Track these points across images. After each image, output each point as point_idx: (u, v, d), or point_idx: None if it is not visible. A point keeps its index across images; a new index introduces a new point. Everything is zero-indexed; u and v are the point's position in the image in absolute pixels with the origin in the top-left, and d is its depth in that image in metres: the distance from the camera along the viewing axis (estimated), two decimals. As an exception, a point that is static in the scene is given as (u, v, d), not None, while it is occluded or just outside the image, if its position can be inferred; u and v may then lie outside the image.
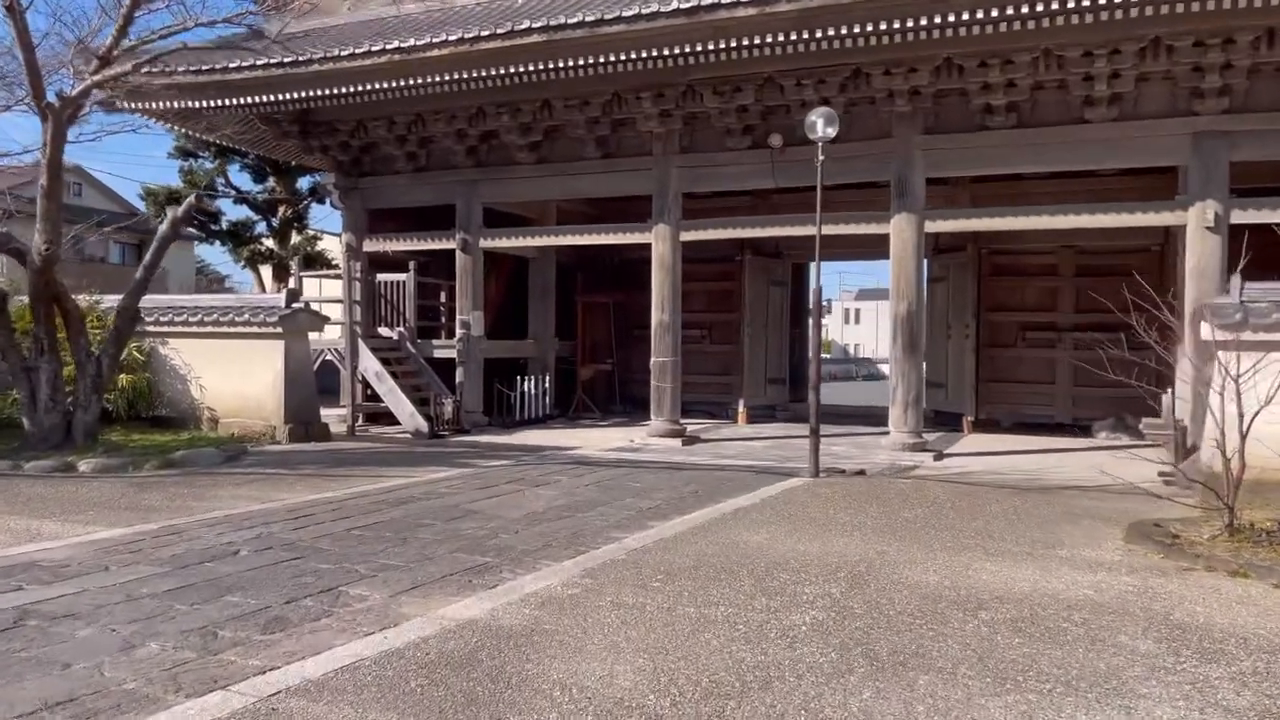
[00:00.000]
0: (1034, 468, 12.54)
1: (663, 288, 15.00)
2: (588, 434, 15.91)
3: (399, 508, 8.35)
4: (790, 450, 14.13)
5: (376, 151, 16.99)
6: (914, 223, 13.59)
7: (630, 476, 10.34)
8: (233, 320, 13.25)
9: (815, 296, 10.47)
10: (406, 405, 15.43)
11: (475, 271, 16.51)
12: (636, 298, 19.53)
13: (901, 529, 7.63)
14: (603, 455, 12.58)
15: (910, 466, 12.61)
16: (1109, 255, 16.47)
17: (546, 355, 18.21)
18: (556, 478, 10.19)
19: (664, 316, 14.99)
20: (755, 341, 17.98)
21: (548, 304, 18.33)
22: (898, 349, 13.83)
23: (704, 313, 18.88)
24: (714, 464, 11.70)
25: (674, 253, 14.97)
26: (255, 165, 24.36)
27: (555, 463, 11.61)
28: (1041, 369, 16.98)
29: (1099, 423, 15.90)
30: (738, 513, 8.22)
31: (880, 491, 9.54)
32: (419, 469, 10.90)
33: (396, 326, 16.95)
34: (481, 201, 16.44)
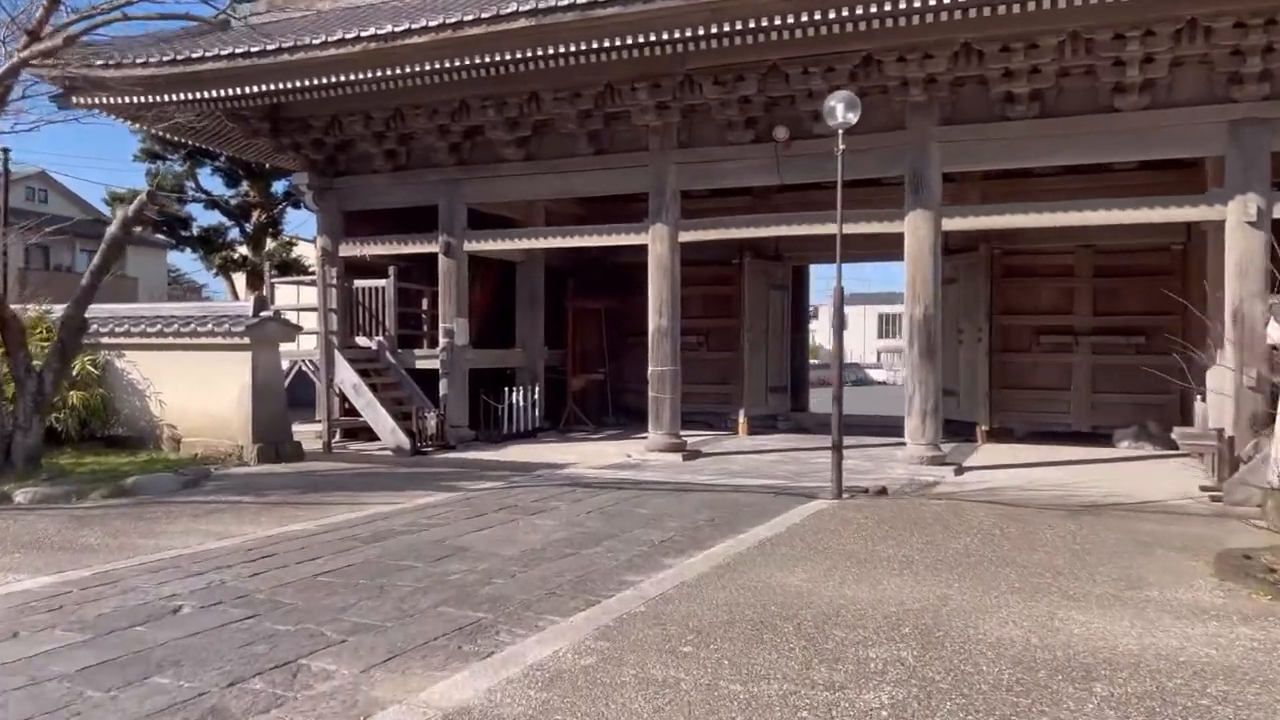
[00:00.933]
0: (1064, 482, 11.55)
1: (661, 292, 13.93)
2: (581, 448, 14.81)
3: (376, 544, 7.22)
4: (801, 465, 13.08)
5: (353, 149, 15.85)
6: (930, 220, 12.58)
7: (635, 501, 9.24)
8: (195, 330, 12.06)
9: (837, 298, 9.41)
10: (386, 420, 14.28)
11: (459, 276, 15.38)
12: (630, 304, 18.47)
13: (955, 565, 6.57)
14: (600, 474, 11.47)
15: (932, 483, 11.59)
16: (1128, 255, 15.54)
17: (535, 365, 17.09)
18: (554, 503, 9.08)
19: (662, 322, 13.91)
20: (755, 348, 16.94)
21: (536, 311, 17.22)
22: (914, 354, 12.81)
23: (700, 318, 17.83)
24: (723, 484, 10.61)
25: (672, 254, 13.90)
26: (227, 169, 23.16)
27: (550, 484, 10.49)
28: (1057, 375, 16.01)
29: (1120, 431, 14.94)
30: (764, 546, 7.14)
31: (915, 516, 8.48)
32: (400, 494, 9.77)
33: (375, 336, 15.79)
34: (465, 202, 15.32)
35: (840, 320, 9.44)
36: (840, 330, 9.47)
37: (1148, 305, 15.42)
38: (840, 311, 9.45)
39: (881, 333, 59.71)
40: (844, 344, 9.77)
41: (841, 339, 9.56)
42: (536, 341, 17.16)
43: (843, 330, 9.54)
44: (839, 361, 9.56)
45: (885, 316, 60.72)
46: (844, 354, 34.79)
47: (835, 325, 9.40)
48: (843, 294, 9.52)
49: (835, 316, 9.42)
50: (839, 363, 9.57)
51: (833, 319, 9.47)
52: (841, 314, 9.48)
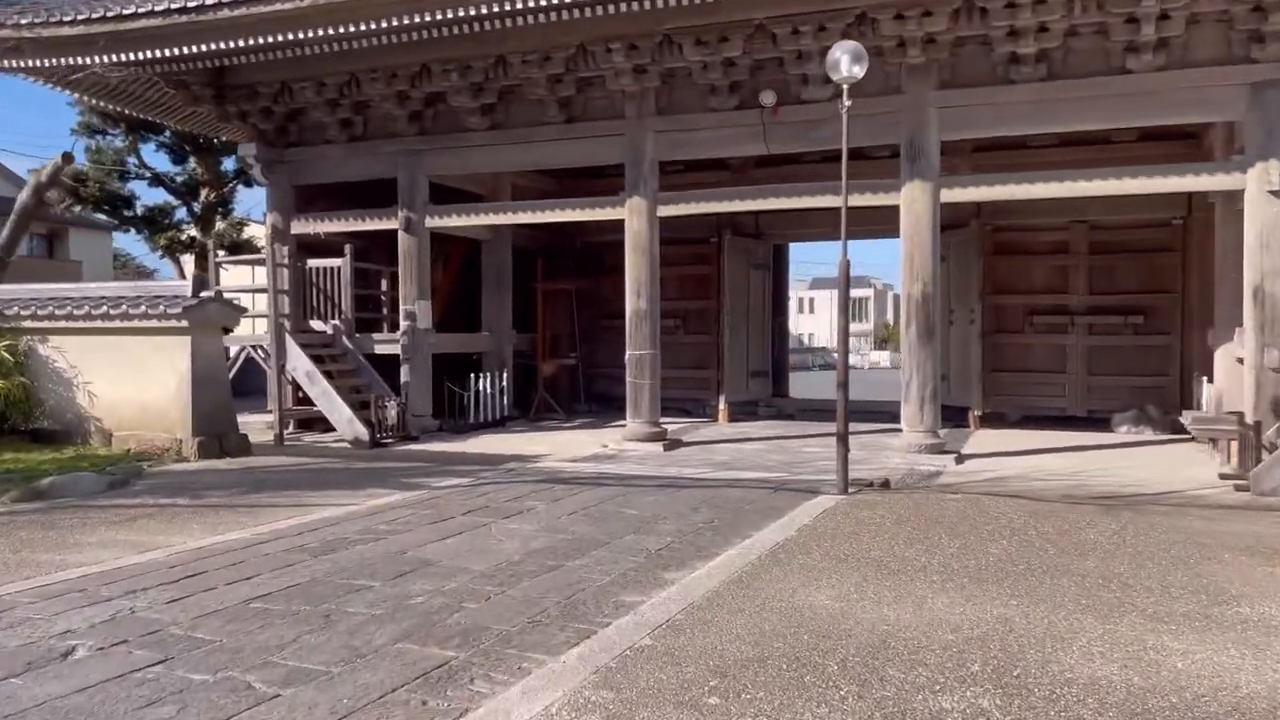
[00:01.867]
0: (1073, 470, 10.70)
1: (639, 270, 12.86)
2: (554, 438, 13.74)
3: (324, 558, 6.11)
4: (791, 455, 12.11)
5: (305, 119, 14.59)
6: (929, 191, 11.63)
7: (621, 499, 8.19)
8: (127, 313, 10.80)
9: (843, 272, 8.41)
10: (343, 410, 13.11)
11: (421, 255, 14.21)
12: (602, 285, 17.41)
13: (1002, 575, 5.60)
14: (578, 468, 10.40)
15: (933, 473, 10.70)
16: (1125, 231, 14.73)
17: (503, 349, 15.97)
18: (530, 503, 8.00)
19: (641, 304, 12.85)
20: (736, 331, 15.93)
21: (504, 292, 16.08)
22: (911, 336, 11.88)
23: (677, 300, 16.78)
24: (715, 477, 9.60)
25: (651, 230, 12.83)
26: (173, 144, 21.69)
27: (524, 480, 9.40)
28: (1051, 357, 15.18)
29: (1119, 415, 14.15)
30: (777, 554, 6.13)
31: (935, 514, 7.52)
32: (356, 493, 8.65)
33: (331, 319, 14.58)
34: (427, 175, 14.14)
35: (846, 299, 8.44)
36: (846, 310, 8.48)
37: (1146, 283, 14.64)
38: (846, 289, 8.46)
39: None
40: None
41: (847, 320, 8.56)
42: (504, 325, 16.03)
43: (848, 309, 8.55)
44: (844, 345, 8.57)
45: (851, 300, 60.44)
46: (808, 339, 33.97)
47: (841, 303, 8.40)
48: (849, 270, 8.52)
49: (841, 295, 8.42)
50: (844, 346, 8.57)
51: (838, 298, 8.47)
52: (847, 292, 8.49)
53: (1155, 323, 14.51)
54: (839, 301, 8.51)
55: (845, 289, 8.46)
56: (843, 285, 8.46)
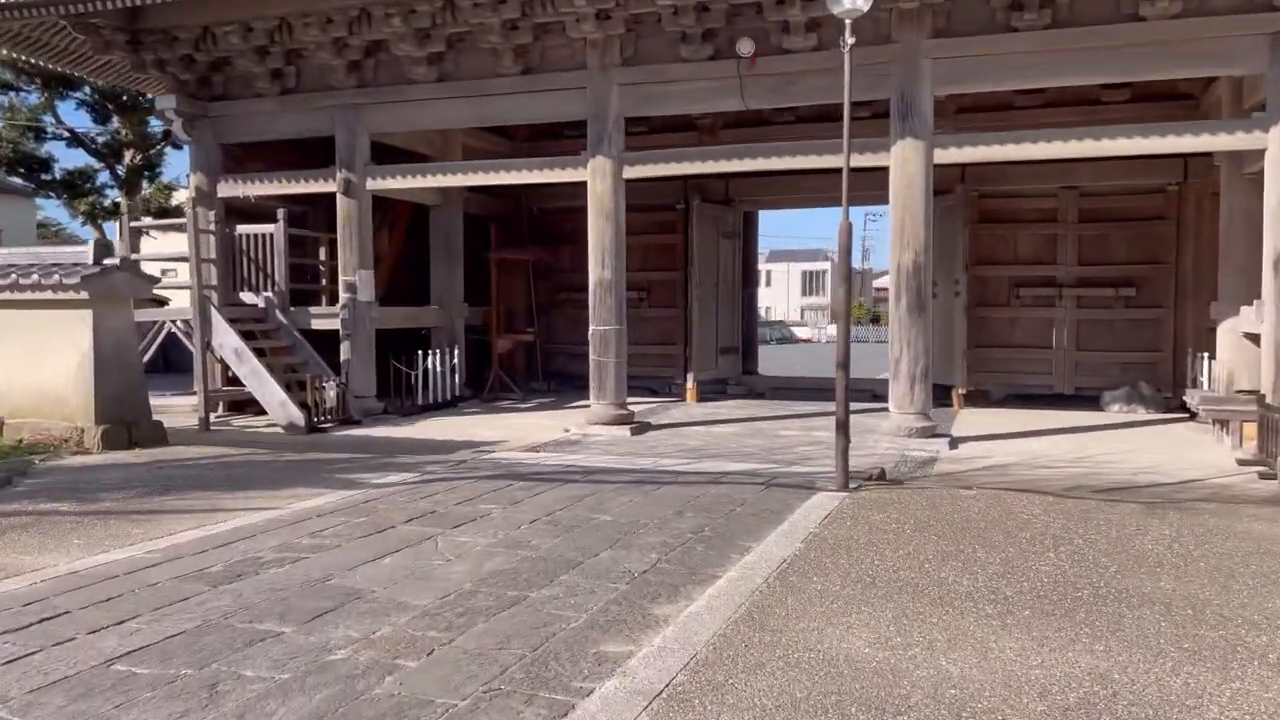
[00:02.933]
0: (1077, 455, 9.76)
1: (603, 238, 11.61)
2: (510, 422, 12.49)
3: (226, 589, 4.84)
4: (769, 438, 11.01)
5: (231, 69, 13.05)
6: (921, 151, 10.51)
7: (593, 500, 6.98)
8: (18, 283, 9.30)
9: (843, 236, 7.25)
10: (275, 391, 11.73)
11: (362, 220, 12.81)
12: (561, 255, 16.12)
13: (1067, 603, 4.52)
14: (540, 460, 9.14)
15: (928, 459, 9.67)
16: (1118, 197, 13.77)
17: (454, 324, 14.63)
18: (484, 506, 6.76)
19: (605, 274, 11.61)
20: (704, 304, 14.76)
21: (454, 263, 14.72)
22: (901, 310, 10.79)
23: (640, 272, 15.51)
24: (695, 470, 8.42)
25: (616, 193, 11.57)
26: (95, 102, 19.89)
27: (477, 475, 8.14)
28: (1038, 331, 14.22)
29: (1109, 393, 13.25)
30: (786, 574, 4.98)
31: (957, 516, 6.44)
32: (280, 492, 7.35)
33: (263, 291, 13.14)
34: (368, 132, 12.72)
35: (848, 268, 7.28)
36: (848, 279, 7.32)
37: (1138, 254, 13.71)
38: (847, 255, 7.30)
39: (805, 290, 58.32)
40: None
41: (850, 288, 7.41)
42: (455, 298, 14.69)
43: (850, 277, 7.39)
44: (845, 321, 7.41)
45: (809, 274, 59.33)
46: (765, 313, 32.68)
47: (842, 272, 7.24)
48: (850, 234, 7.35)
49: (841, 262, 7.26)
50: (846, 320, 7.42)
51: (838, 267, 7.31)
52: (849, 260, 7.33)
53: (1148, 295, 13.60)
54: (839, 270, 7.36)
55: (846, 256, 7.31)
56: (843, 252, 7.30)
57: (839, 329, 7.50)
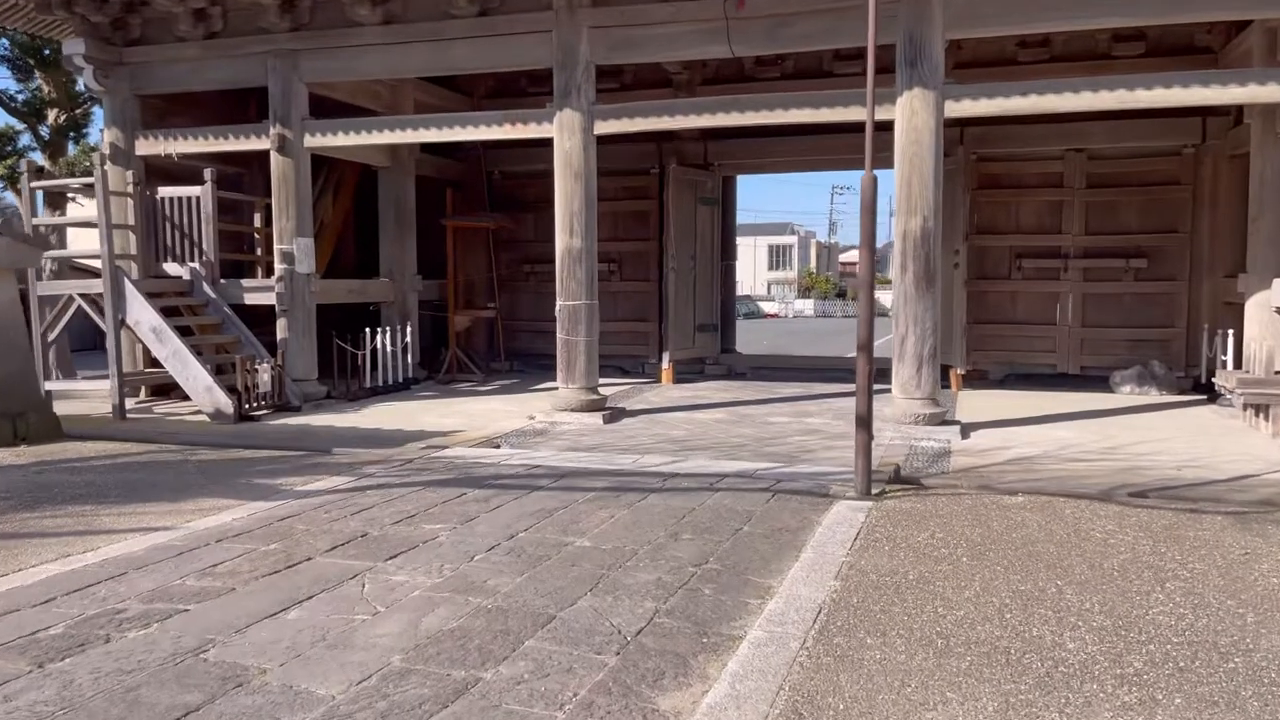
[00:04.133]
0: (1105, 445, 8.60)
1: (571, 201, 10.20)
2: (468, 407, 11.10)
3: (52, 671, 3.42)
4: (759, 427, 9.73)
5: (149, 8, 11.38)
6: (931, 103, 9.20)
7: (564, 515, 5.62)
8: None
9: (866, 191, 5.94)
10: (200, 376, 10.23)
11: (299, 182, 11.29)
12: (525, 223, 14.68)
13: (1218, 677, 3.27)
14: (501, 458, 7.73)
15: (940, 450, 8.48)
16: (1129, 161, 12.57)
17: (406, 299, 13.16)
18: (431, 527, 5.39)
19: (574, 242, 10.21)
20: (681, 278, 13.40)
21: (406, 231, 13.22)
22: (906, 282, 9.53)
23: (611, 241, 14.15)
24: (680, 470, 7.08)
25: (586, 150, 10.16)
26: (14, 57, 18.03)
27: (426, 479, 6.75)
28: (1041, 306, 13.04)
29: (1120, 373, 12.12)
30: (827, 632, 3.69)
31: (1015, 534, 5.18)
32: (181, 504, 5.93)
33: (189, 262, 11.59)
34: (306, 81, 11.17)
35: (871, 229, 5.97)
36: (872, 242, 6.01)
37: (1151, 222, 12.55)
38: (871, 214, 5.98)
39: (772, 265, 57.18)
40: (870, 263, 6.31)
41: (873, 254, 6.10)
42: (407, 270, 13.21)
43: (873, 241, 6.07)
44: (869, 290, 6.10)
45: (775, 248, 58.15)
46: (738, 288, 30.60)
47: (866, 234, 5.93)
48: (874, 188, 6.04)
49: (865, 222, 5.95)
50: (869, 294, 6.11)
51: (863, 227, 5.99)
52: (873, 220, 6.01)
53: (1160, 267, 12.46)
54: (864, 233, 6.03)
55: (870, 216, 5.99)
56: (866, 210, 5.98)
57: (861, 303, 6.19)
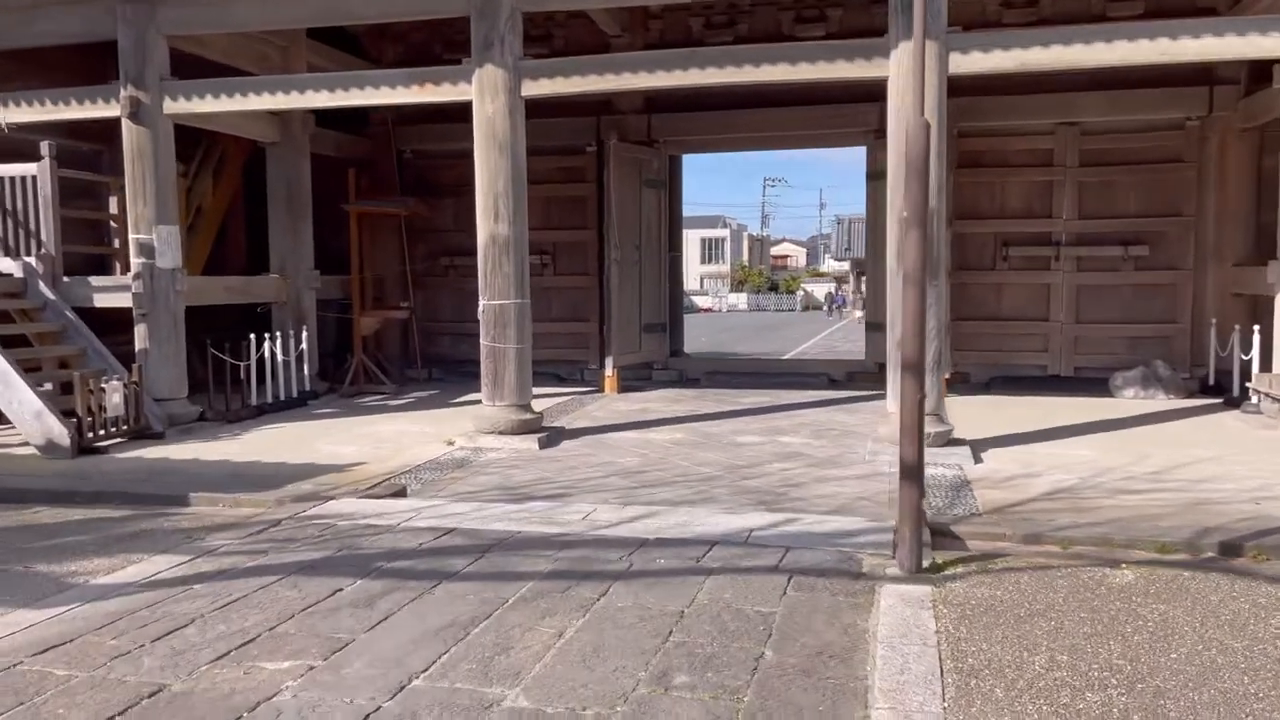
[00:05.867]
0: (1149, 470, 7.09)
1: (495, 179, 8.21)
2: (375, 428, 9.06)
3: None
4: (730, 451, 7.89)
5: (-38, -58, 9.06)
6: (934, 55, 7.45)
7: (486, 638, 3.59)
8: None
9: (914, 140, 4.11)
10: (28, 399, 7.97)
11: (160, 156, 9.07)
12: (443, 210, 12.61)
13: None
14: (401, 518, 5.58)
15: (956, 481, 6.84)
16: (1128, 136, 11.03)
17: (301, 299, 11.00)
18: (271, 669, 3.34)
19: (500, 229, 8.23)
20: (625, 271, 11.49)
21: (300, 219, 11.04)
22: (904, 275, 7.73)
23: (543, 230, 12.15)
24: (649, 532, 5.10)
25: (513, 115, 8.18)
26: None
27: (287, 564, 4.61)
28: (1030, 300, 11.46)
29: (1122, 375, 10.60)
30: None
31: (1180, 654, 3.41)
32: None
33: (22, 256, 9.29)
34: (166, 34, 8.96)
35: (923, 194, 4.14)
36: (923, 211, 4.18)
37: (1152, 205, 11.04)
38: (922, 175, 4.16)
39: (705, 258, 55.58)
40: (922, 242, 4.49)
41: (923, 234, 4.25)
42: (302, 264, 11.03)
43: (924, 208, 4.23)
44: (920, 282, 4.27)
45: (708, 241, 56.58)
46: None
47: (913, 208, 4.10)
48: (926, 134, 4.21)
49: (913, 188, 4.12)
50: (920, 288, 4.28)
51: (908, 197, 4.15)
52: (924, 184, 4.18)
53: (1162, 255, 10.97)
54: (909, 203, 4.19)
55: (921, 177, 4.16)
56: (916, 171, 4.15)
57: (906, 306, 4.35)
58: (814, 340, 27.31)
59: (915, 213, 4.15)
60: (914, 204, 4.14)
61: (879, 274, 11.89)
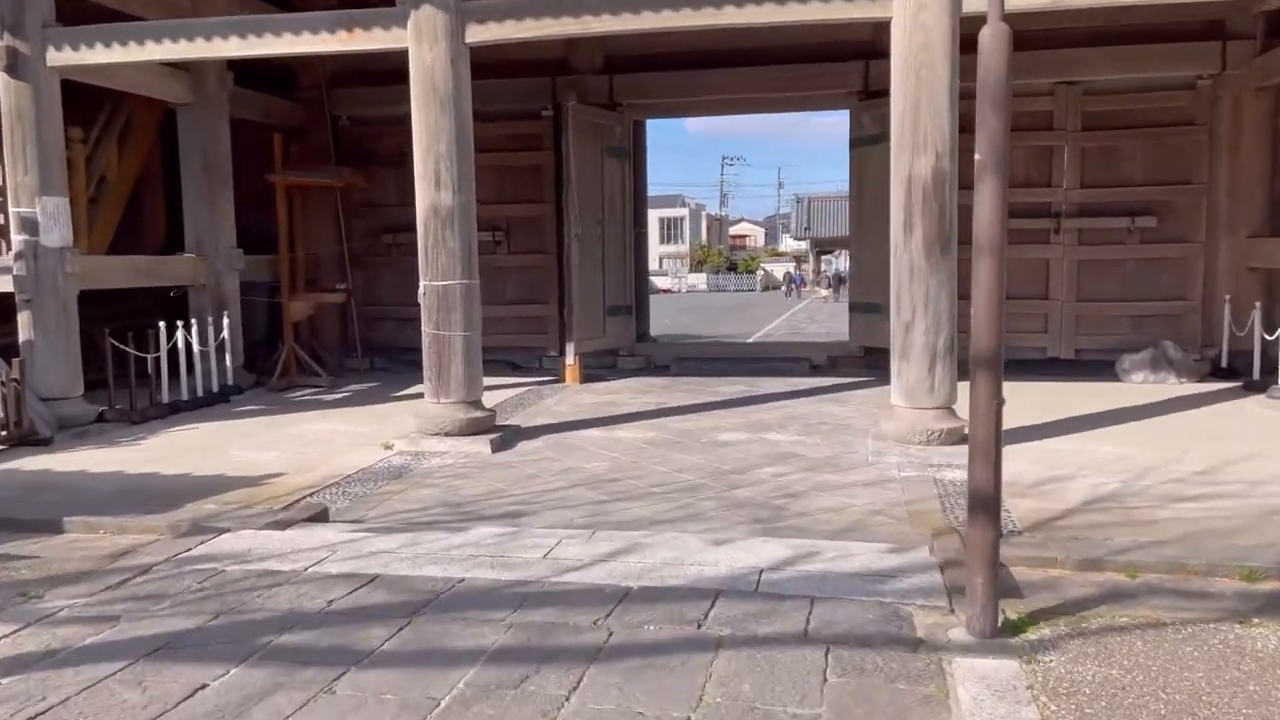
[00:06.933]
0: (1194, 470, 6.26)
1: (436, 139, 6.96)
2: (302, 428, 7.81)
3: None
4: (712, 452, 6.76)
5: None
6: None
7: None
8: None
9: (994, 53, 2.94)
10: (-124, 402, 6.61)
11: (44, 117, 7.67)
12: (384, 182, 11.30)
13: None
14: (311, 560, 4.24)
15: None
16: (1134, 96, 10.02)
17: (222, 281, 9.64)
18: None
19: (442, 197, 6.98)
20: (587, 249, 10.26)
21: (219, 191, 9.66)
22: (911, 248, 6.67)
23: (496, 204, 10.92)
24: (630, 581, 3.83)
25: (455, 65, 6.93)
26: None
27: (139, 639, 3.32)
28: (1028, 276, 10.42)
29: (1130, 358, 9.65)
30: None
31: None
32: None
33: (-119, 233, 7.87)
34: (45, -28, 7.57)
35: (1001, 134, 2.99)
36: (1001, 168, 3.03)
37: (1160, 172, 10.06)
38: (1002, 105, 3.00)
39: (664, 238, 54.34)
40: (1004, 181, 3.40)
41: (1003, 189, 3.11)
42: (222, 242, 9.67)
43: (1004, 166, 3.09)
44: (997, 255, 3.13)
45: (666, 220, 55.33)
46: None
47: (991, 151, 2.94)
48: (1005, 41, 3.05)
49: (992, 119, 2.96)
50: (1000, 257, 3.14)
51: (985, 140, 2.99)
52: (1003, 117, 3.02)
53: (1171, 226, 10.01)
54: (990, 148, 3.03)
55: (1001, 109, 3.01)
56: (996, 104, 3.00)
57: (983, 273, 3.20)
58: (779, 320, 26.28)
59: (994, 154, 3.00)
60: (993, 142, 2.99)
61: (865, 250, 10.83)
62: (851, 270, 12.18)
